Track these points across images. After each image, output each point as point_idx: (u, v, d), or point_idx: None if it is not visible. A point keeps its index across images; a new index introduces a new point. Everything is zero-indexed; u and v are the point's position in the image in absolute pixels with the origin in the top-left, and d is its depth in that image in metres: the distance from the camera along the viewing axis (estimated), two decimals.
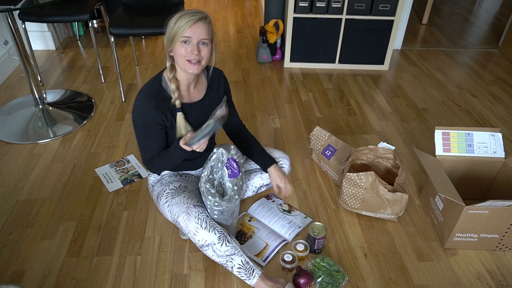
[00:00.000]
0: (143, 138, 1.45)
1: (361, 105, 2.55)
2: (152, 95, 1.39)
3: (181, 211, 1.39)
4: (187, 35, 1.29)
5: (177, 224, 1.43)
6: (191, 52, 1.31)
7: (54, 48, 3.15)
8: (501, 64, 3.13)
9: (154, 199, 1.60)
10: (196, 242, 1.38)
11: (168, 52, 1.37)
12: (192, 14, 1.29)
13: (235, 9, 4.13)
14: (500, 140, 1.71)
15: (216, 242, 1.35)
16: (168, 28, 1.32)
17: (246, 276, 1.36)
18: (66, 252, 1.56)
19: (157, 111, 1.38)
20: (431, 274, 1.51)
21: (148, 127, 1.41)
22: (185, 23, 1.28)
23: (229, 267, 1.37)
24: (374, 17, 2.74)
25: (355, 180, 1.61)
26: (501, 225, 1.51)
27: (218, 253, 1.36)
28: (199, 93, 1.51)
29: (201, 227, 1.35)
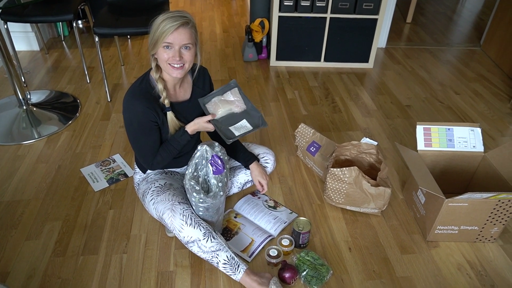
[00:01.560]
0: (141, 139, 1.44)
1: (346, 102, 2.58)
2: (142, 95, 1.39)
3: (166, 208, 1.40)
4: (169, 41, 1.30)
5: (162, 221, 1.44)
6: (172, 57, 1.33)
7: (38, 49, 3.12)
8: (482, 62, 3.19)
9: (140, 197, 1.61)
10: (181, 238, 1.38)
11: (152, 54, 1.37)
12: (175, 19, 1.29)
13: (221, 9, 4.15)
14: (479, 135, 1.75)
15: (201, 238, 1.36)
16: (152, 31, 1.32)
17: (231, 272, 1.38)
18: (51, 252, 1.55)
19: (150, 109, 1.38)
20: (414, 266, 1.54)
21: (145, 126, 1.41)
22: (167, 29, 1.28)
23: (214, 263, 1.38)
24: (358, 16, 2.77)
25: (339, 175, 1.64)
26: (480, 217, 1.55)
27: (203, 249, 1.37)
28: (185, 92, 1.52)
29: (186, 223, 1.36)
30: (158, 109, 1.41)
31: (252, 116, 1.48)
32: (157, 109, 1.40)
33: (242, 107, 1.48)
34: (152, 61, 1.39)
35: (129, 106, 1.39)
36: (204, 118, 1.43)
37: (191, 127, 1.46)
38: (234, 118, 1.47)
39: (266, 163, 1.72)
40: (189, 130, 1.46)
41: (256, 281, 1.37)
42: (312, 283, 1.43)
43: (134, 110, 1.38)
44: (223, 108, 1.45)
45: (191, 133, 1.46)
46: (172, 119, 1.44)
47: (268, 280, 1.38)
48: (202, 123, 1.44)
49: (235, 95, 1.47)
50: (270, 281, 1.38)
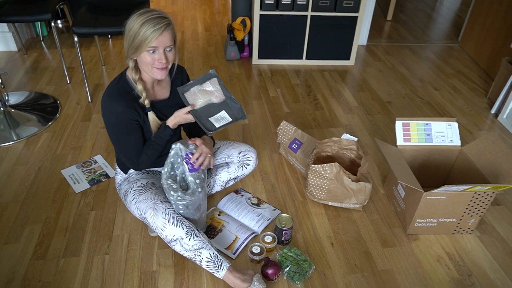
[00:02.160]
0: (124, 140, 1.42)
1: (328, 99, 2.61)
2: (120, 95, 1.38)
3: (148, 207, 1.40)
4: (154, 45, 1.29)
5: (144, 221, 1.43)
6: (159, 61, 1.32)
7: (16, 49, 3.06)
8: (460, 58, 3.26)
9: (121, 198, 1.60)
10: (164, 237, 1.38)
11: (131, 57, 1.35)
12: (156, 22, 1.27)
13: (203, 7, 4.13)
14: (456, 129, 1.79)
15: (184, 236, 1.36)
16: (130, 34, 1.29)
17: (214, 269, 1.38)
18: (32, 255, 1.53)
19: (129, 108, 1.37)
20: (394, 259, 1.56)
21: (126, 126, 1.39)
22: (151, 33, 1.26)
23: (197, 261, 1.38)
24: (338, 14, 2.80)
25: (320, 172, 1.65)
26: (458, 209, 1.58)
27: (186, 247, 1.37)
28: (164, 90, 1.52)
29: (168, 222, 1.36)
30: (138, 108, 1.40)
31: (231, 108, 1.48)
32: (137, 108, 1.39)
33: (221, 97, 1.48)
34: (131, 62, 1.38)
35: (108, 107, 1.37)
36: (184, 109, 1.43)
37: (172, 121, 1.46)
38: (213, 109, 1.46)
39: (248, 161, 1.73)
40: (170, 124, 1.46)
41: (239, 278, 1.37)
42: (295, 278, 1.44)
43: (114, 111, 1.37)
44: (202, 99, 1.45)
45: (172, 127, 1.46)
46: (154, 119, 1.43)
47: (251, 277, 1.39)
48: (182, 114, 1.44)
49: (214, 85, 1.46)
50: (253, 277, 1.38)
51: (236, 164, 1.73)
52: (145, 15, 1.28)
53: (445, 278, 1.50)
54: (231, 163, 1.74)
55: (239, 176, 1.76)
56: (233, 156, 1.73)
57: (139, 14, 1.29)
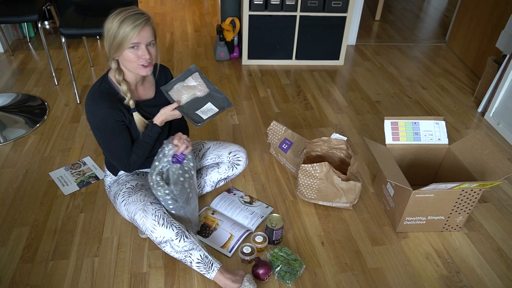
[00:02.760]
0: (111, 142, 1.41)
1: (318, 99, 2.62)
2: (103, 96, 1.37)
3: (138, 209, 1.39)
4: (136, 41, 1.28)
5: (134, 222, 1.42)
6: (142, 57, 1.32)
7: (3, 51, 3.02)
8: (448, 57, 3.30)
9: (111, 200, 1.58)
10: (154, 239, 1.37)
11: (114, 57, 1.35)
12: (136, 18, 1.27)
13: (192, 8, 4.12)
14: (444, 128, 1.81)
15: (174, 238, 1.36)
16: (110, 33, 1.28)
17: (205, 270, 1.38)
18: (19, 258, 1.51)
19: (114, 110, 1.36)
20: (384, 257, 1.58)
21: (113, 128, 1.38)
22: (132, 30, 1.26)
23: (188, 262, 1.38)
24: (327, 14, 2.82)
25: (310, 171, 1.66)
26: (446, 207, 1.60)
27: (176, 249, 1.36)
28: (148, 90, 1.51)
29: (158, 224, 1.35)
30: (123, 109, 1.39)
31: (216, 99, 1.50)
32: (121, 108, 1.39)
33: (205, 90, 1.49)
34: (113, 63, 1.36)
35: (92, 110, 1.36)
36: (170, 106, 1.43)
37: (159, 119, 1.46)
38: (199, 102, 1.48)
39: (238, 161, 1.73)
40: (157, 122, 1.46)
41: (230, 279, 1.37)
42: (286, 278, 1.45)
43: (98, 114, 1.35)
44: (186, 94, 1.46)
45: (160, 125, 1.47)
46: (139, 119, 1.42)
47: (242, 278, 1.39)
48: (169, 112, 1.44)
49: (196, 80, 1.48)
50: (243, 278, 1.38)
51: (226, 164, 1.73)
52: (123, 13, 1.28)
53: (434, 275, 1.52)
54: (221, 163, 1.74)
55: (230, 176, 1.76)
56: (223, 156, 1.73)
57: (116, 14, 1.29)
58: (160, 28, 3.60)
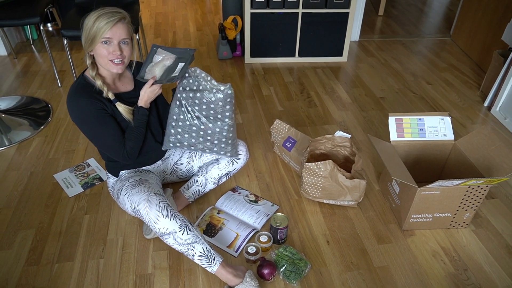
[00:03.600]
0: (101, 132, 1.42)
1: (322, 96, 2.60)
2: (82, 91, 1.39)
3: (142, 199, 1.39)
4: (108, 36, 1.33)
5: (137, 214, 1.42)
6: (113, 52, 1.35)
7: (6, 54, 3.03)
8: (452, 51, 3.26)
9: (114, 198, 1.59)
10: (156, 230, 1.37)
11: (88, 52, 1.38)
12: (111, 15, 1.32)
13: (194, 7, 4.11)
14: (449, 124, 1.79)
15: (177, 230, 1.35)
16: (86, 28, 1.33)
17: (207, 264, 1.37)
18: (25, 261, 1.52)
19: (94, 100, 1.39)
20: (390, 256, 1.56)
21: (98, 117, 1.40)
22: (105, 24, 1.31)
23: (190, 255, 1.38)
24: (329, 10, 2.79)
25: (314, 170, 1.65)
26: (453, 204, 1.58)
27: (179, 241, 1.36)
28: (127, 84, 1.55)
29: (162, 215, 1.35)
30: (103, 99, 1.42)
31: (184, 56, 1.51)
32: (102, 99, 1.41)
33: (172, 57, 1.51)
34: (88, 59, 1.41)
35: (73, 105, 1.39)
36: (147, 84, 1.46)
37: (142, 100, 1.48)
38: (172, 68, 1.50)
39: (238, 154, 1.72)
40: (142, 103, 1.48)
41: (232, 273, 1.37)
42: (291, 278, 1.44)
43: (80, 106, 1.38)
44: (158, 68, 1.48)
45: (145, 106, 1.49)
46: (124, 108, 1.45)
47: (243, 273, 1.38)
48: (148, 89, 1.46)
49: (161, 54, 1.50)
50: (245, 273, 1.38)
51: (226, 159, 1.72)
52: (100, 11, 1.34)
53: (441, 273, 1.50)
54: (221, 158, 1.73)
55: (231, 171, 1.75)
56: None
57: (94, 11, 1.34)
58: (162, 28, 3.59)
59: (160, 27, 3.62)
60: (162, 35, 3.45)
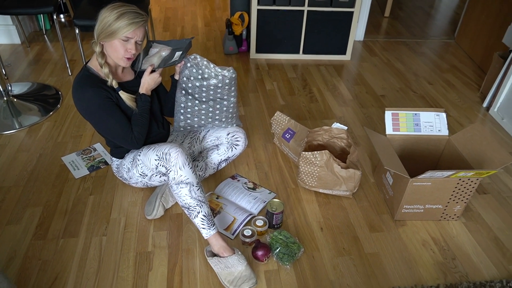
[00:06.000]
0: (107, 120, 1.49)
1: (323, 92, 2.66)
2: (87, 81, 1.46)
3: (174, 146, 1.47)
4: (130, 36, 1.40)
5: (162, 160, 1.46)
6: (129, 50, 1.43)
7: (20, 42, 3.13)
8: (456, 53, 3.31)
9: (125, 170, 1.67)
10: (177, 176, 1.44)
11: (101, 41, 1.44)
12: (135, 16, 1.38)
13: (203, 4, 4.19)
14: (444, 120, 1.84)
15: (195, 184, 1.45)
16: (106, 20, 1.38)
17: (207, 226, 1.45)
18: (32, 235, 1.60)
19: (99, 89, 1.46)
20: (381, 243, 1.62)
21: (104, 106, 1.47)
22: (129, 24, 1.37)
23: (194, 212, 1.45)
24: (334, 9, 2.85)
25: (311, 159, 1.71)
26: (444, 196, 1.64)
27: (193, 194, 1.44)
28: (128, 74, 1.62)
29: (188, 165, 1.44)
30: (108, 88, 1.49)
31: (180, 46, 1.58)
32: (106, 88, 1.48)
33: (168, 48, 1.58)
34: (98, 47, 1.45)
35: (80, 96, 1.45)
36: (146, 72, 1.54)
37: (143, 87, 1.55)
38: (169, 58, 1.57)
39: (237, 141, 1.78)
40: (143, 91, 1.55)
41: (223, 245, 1.46)
42: (284, 260, 1.50)
43: (85, 96, 1.44)
44: (155, 57, 1.56)
45: (146, 93, 1.56)
46: (127, 96, 1.52)
47: (233, 251, 1.46)
48: (148, 77, 1.54)
49: (157, 47, 1.57)
50: (235, 251, 1.46)
51: (225, 145, 1.79)
52: (123, 8, 1.39)
53: (429, 261, 1.55)
54: (221, 144, 1.80)
55: (230, 157, 1.82)
56: (222, 138, 1.79)
57: (116, 6, 1.39)
58: (171, 22, 3.67)
59: (169, 21, 3.70)
60: (171, 29, 3.53)
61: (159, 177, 1.64)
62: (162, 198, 1.68)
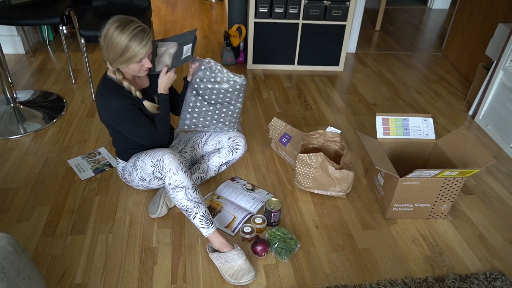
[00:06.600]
0: (136, 124, 1.59)
1: (318, 101, 2.78)
2: (112, 91, 1.55)
3: (167, 152, 1.55)
4: (142, 57, 1.49)
5: (157, 166, 1.55)
6: (145, 66, 1.53)
7: (24, 52, 3.23)
8: (443, 65, 3.46)
9: (126, 177, 1.76)
10: (171, 181, 1.52)
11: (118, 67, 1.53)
12: (142, 36, 1.45)
13: (201, 17, 4.33)
14: (432, 124, 1.96)
15: (190, 187, 1.52)
16: (119, 48, 1.44)
17: (206, 225, 1.54)
18: (41, 232, 1.67)
19: (125, 97, 1.55)
20: (373, 240, 1.72)
21: (132, 112, 1.57)
22: (140, 49, 1.45)
23: (193, 214, 1.53)
24: (328, 22, 3.00)
25: (306, 161, 1.81)
26: (431, 195, 1.74)
27: (189, 197, 1.52)
28: (144, 80, 1.72)
29: (182, 169, 1.52)
30: (132, 96, 1.59)
31: (185, 40, 1.66)
32: (131, 96, 1.58)
33: (174, 44, 1.67)
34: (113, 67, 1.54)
35: (105, 105, 1.55)
36: (162, 72, 1.63)
37: (161, 87, 1.64)
38: (179, 53, 1.66)
39: (237, 145, 1.88)
40: (162, 90, 1.65)
41: (223, 242, 1.54)
42: (282, 254, 1.59)
43: (113, 106, 1.54)
44: (166, 57, 1.65)
45: (164, 92, 1.65)
46: (150, 105, 1.62)
47: (232, 246, 1.54)
48: (164, 76, 1.63)
49: (163, 46, 1.66)
50: (234, 246, 1.54)
51: (226, 149, 1.89)
52: (129, 27, 1.44)
53: (418, 256, 1.65)
54: (222, 148, 1.90)
55: (230, 160, 1.91)
56: (223, 142, 1.89)
57: (122, 26, 1.44)
58: (170, 35, 3.80)
59: (169, 34, 3.82)
60: None
61: (157, 181, 1.72)
62: (165, 198, 1.76)
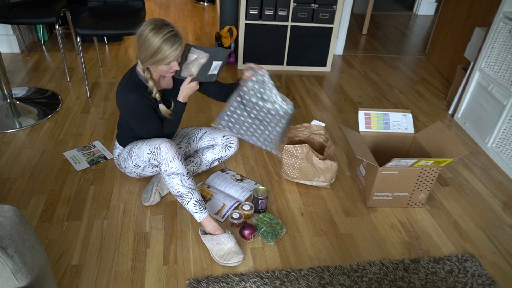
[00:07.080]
0: (146, 123, 1.69)
1: (305, 99, 2.90)
2: (133, 88, 1.64)
3: (164, 141, 1.63)
4: (172, 60, 1.58)
5: (154, 154, 1.63)
6: (174, 68, 1.62)
7: (19, 51, 3.30)
8: (426, 68, 3.61)
9: (122, 159, 1.84)
10: (168, 168, 1.59)
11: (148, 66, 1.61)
12: (175, 41, 1.53)
13: (194, 20, 4.44)
14: (411, 119, 2.08)
15: (185, 174, 1.61)
16: (151, 49, 1.52)
17: (199, 210, 1.62)
18: (39, 219, 1.74)
19: (143, 97, 1.65)
20: (355, 226, 1.82)
21: (145, 112, 1.67)
22: (172, 52, 1.54)
23: (187, 199, 1.62)
24: (315, 24, 3.12)
25: (292, 151, 1.92)
26: (409, 184, 1.86)
27: (184, 183, 1.60)
28: (168, 81, 1.80)
29: (177, 157, 1.60)
30: (150, 97, 1.68)
31: (218, 55, 1.70)
32: (149, 97, 1.67)
33: (206, 55, 1.70)
34: (143, 65, 1.62)
35: (124, 99, 1.64)
36: (186, 81, 1.70)
37: (182, 95, 1.73)
38: (207, 66, 1.70)
39: (231, 143, 1.98)
40: (181, 99, 1.74)
41: (214, 226, 1.63)
42: (268, 238, 1.68)
43: (131, 101, 1.63)
44: (194, 67, 1.70)
45: (183, 101, 1.74)
46: (165, 110, 1.72)
47: (223, 230, 1.63)
48: (186, 85, 1.70)
49: (194, 53, 1.69)
50: (225, 230, 1.63)
51: (220, 146, 1.99)
52: (163, 31, 1.52)
53: (396, 240, 1.76)
54: (216, 145, 1.99)
55: (223, 157, 2.01)
56: (217, 139, 1.99)
57: (156, 29, 1.52)
58: None
59: None
60: None
61: (151, 168, 1.81)
62: (158, 186, 1.85)
